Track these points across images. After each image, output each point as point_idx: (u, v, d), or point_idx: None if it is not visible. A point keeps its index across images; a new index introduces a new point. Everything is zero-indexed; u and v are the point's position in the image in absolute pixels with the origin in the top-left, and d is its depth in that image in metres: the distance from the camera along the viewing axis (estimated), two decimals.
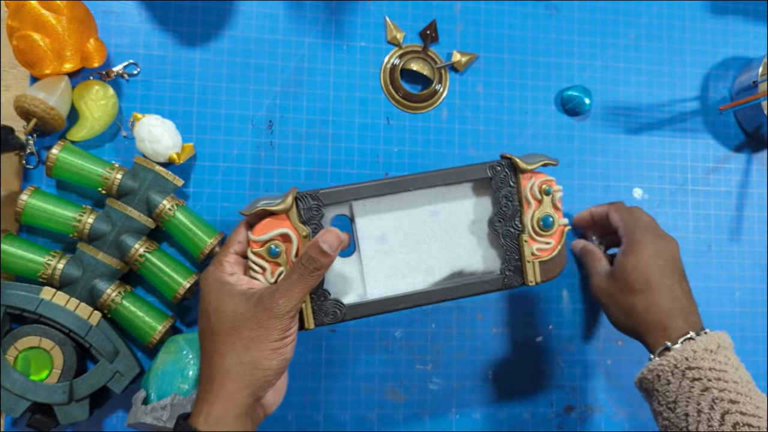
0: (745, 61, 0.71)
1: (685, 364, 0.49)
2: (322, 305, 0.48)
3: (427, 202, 0.52)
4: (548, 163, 0.52)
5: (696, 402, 0.47)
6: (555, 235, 0.52)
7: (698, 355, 0.49)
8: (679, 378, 0.49)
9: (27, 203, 0.54)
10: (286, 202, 0.46)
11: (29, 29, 0.54)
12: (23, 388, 0.53)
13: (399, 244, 0.51)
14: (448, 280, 0.52)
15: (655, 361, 0.51)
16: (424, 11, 0.66)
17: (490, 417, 0.64)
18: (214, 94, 0.62)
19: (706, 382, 0.48)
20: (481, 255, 0.53)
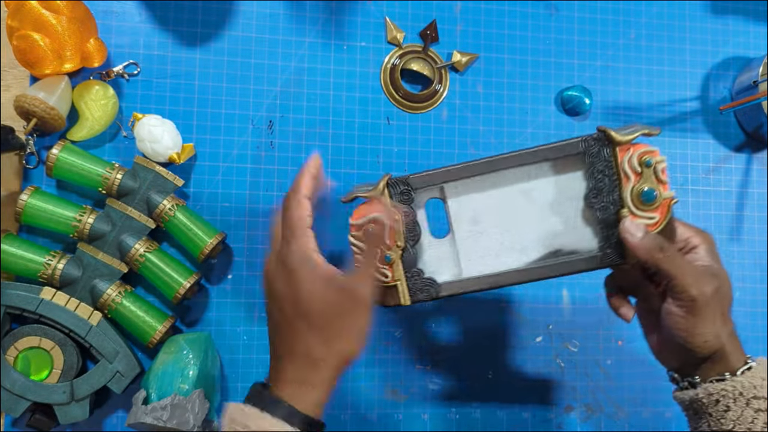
0: (745, 61, 0.71)
1: (751, 393, 0.46)
2: (417, 282, 0.49)
3: (519, 180, 0.51)
4: (649, 133, 0.48)
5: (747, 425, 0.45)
6: (659, 208, 0.49)
7: (757, 384, 0.46)
8: (742, 407, 0.46)
9: (27, 203, 0.54)
10: (378, 188, 0.48)
11: (29, 29, 0.54)
12: (23, 388, 0.53)
13: (492, 224, 0.51)
14: (544, 260, 0.51)
15: (717, 385, 0.47)
16: (424, 11, 0.66)
17: (490, 417, 0.64)
18: (214, 94, 0.62)
19: (758, 404, 0.45)
20: (577, 233, 0.51)
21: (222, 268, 0.61)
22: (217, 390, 0.58)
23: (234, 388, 0.60)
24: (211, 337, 0.58)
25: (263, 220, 0.62)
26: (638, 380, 0.66)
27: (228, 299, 0.61)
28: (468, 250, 0.51)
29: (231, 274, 0.61)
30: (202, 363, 0.55)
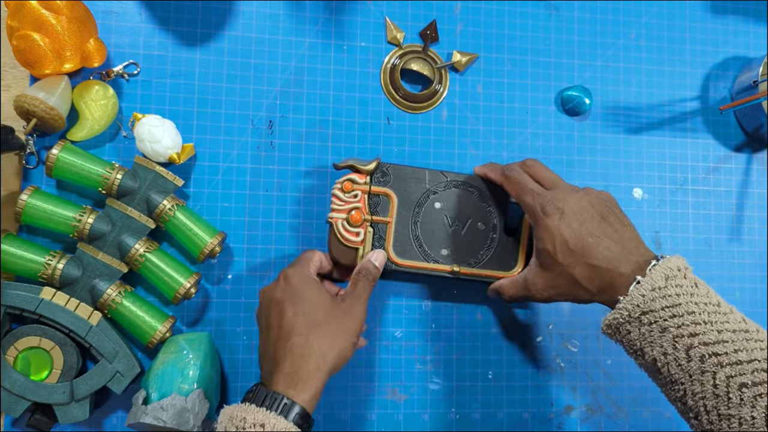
0: (745, 61, 0.71)
1: (638, 311, 0.46)
2: None
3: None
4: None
5: (659, 345, 0.45)
6: None
7: (647, 298, 0.46)
8: (636, 326, 0.47)
9: (27, 203, 0.54)
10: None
11: (29, 29, 0.54)
12: (23, 388, 0.53)
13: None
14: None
15: (609, 316, 0.49)
16: (424, 11, 0.66)
17: (490, 417, 0.64)
18: (214, 94, 0.62)
19: (662, 322, 0.45)
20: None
21: (222, 268, 0.61)
22: (217, 390, 0.58)
23: (234, 388, 0.60)
24: (211, 337, 0.58)
25: (263, 220, 0.62)
26: (638, 380, 0.66)
27: (228, 299, 0.61)
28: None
29: (231, 274, 0.61)
30: (202, 363, 0.55)
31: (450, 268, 0.60)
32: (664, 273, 0.47)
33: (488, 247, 0.61)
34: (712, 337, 0.44)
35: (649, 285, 0.47)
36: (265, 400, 0.45)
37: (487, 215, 0.61)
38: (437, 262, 0.60)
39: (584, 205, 0.51)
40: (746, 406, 0.42)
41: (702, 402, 0.44)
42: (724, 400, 0.43)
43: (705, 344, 0.44)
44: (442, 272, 0.60)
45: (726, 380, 0.42)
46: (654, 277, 0.47)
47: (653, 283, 0.46)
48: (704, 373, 0.43)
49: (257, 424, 0.43)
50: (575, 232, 0.50)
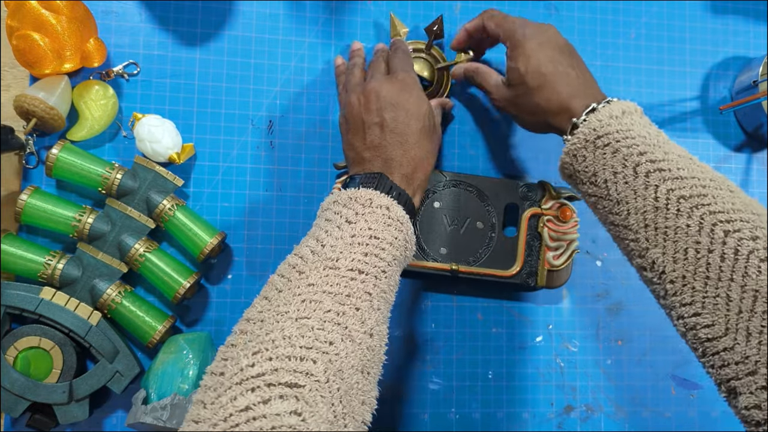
0: (745, 60, 0.71)
1: (593, 135, 0.49)
2: None
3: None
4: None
5: (611, 166, 0.48)
6: None
7: (604, 123, 0.49)
8: (591, 150, 0.49)
9: (27, 203, 0.54)
10: None
11: (29, 29, 0.54)
12: (23, 388, 0.53)
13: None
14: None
15: (568, 142, 0.51)
16: (425, 11, 0.66)
17: (490, 417, 0.64)
18: (214, 94, 0.62)
19: (615, 144, 0.48)
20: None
21: (222, 268, 0.61)
22: None
23: None
24: (211, 337, 0.58)
25: (263, 220, 0.62)
26: (638, 380, 0.66)
27: (228, 299, 0.61)
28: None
29: (231, 274, 0.61)
30: (202, 363, 0.55)
31: (449, 266, 0.60)
32: (621, 108, 0.50)
33: (487, 246, 0.61)
34: (659, 155, 0.46)
35: (606, 113, 0.49)
36: (390, 190, 0.49)
37: (486, 214, 0.61)
38: (436, 261, 0.60)
39: (559, 41, 0.56)
40: (683, 216, 0.44)
41: (642, 216, 0.46)
42: (663, 211, 0.45)
43: (651, 161, 0.46)
44: (441, 271, 0.60)
45: (666, 193, 0.45)
46: (611, 109, 0.50)
47: (610, 112, 0.49)
48: (647, 187, 0.46)
49: (383, 206, 0.48)
50: (548, 58, 0.54)
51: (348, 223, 0.47)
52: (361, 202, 0.48)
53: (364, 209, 0.48)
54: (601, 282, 0.67)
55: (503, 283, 0.62)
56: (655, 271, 0.45)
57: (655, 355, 0.67)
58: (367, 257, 0.45)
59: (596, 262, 0.67)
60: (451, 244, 0.61)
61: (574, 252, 0.62)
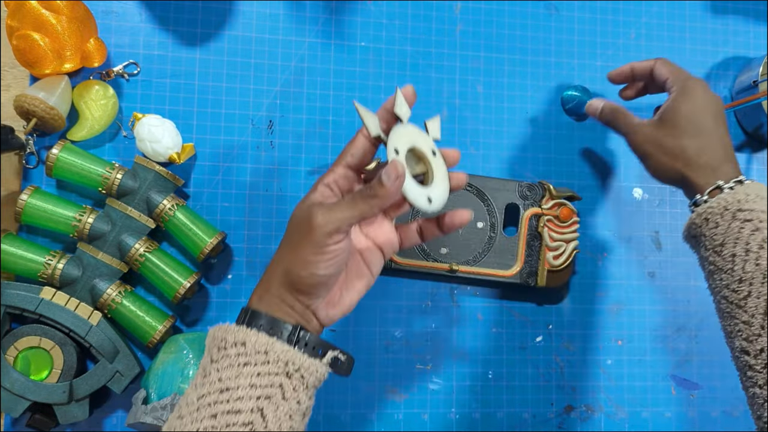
0: (745, 61, 0.71)
1: (736, 206, 0.48)
2: None
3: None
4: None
5: (745, 242, 0.47)
6: None
7: (751, 198, 0.48)
8: (728, 220, 0.48)
9: (27, 203, 0.54)
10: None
11: (29, 29, 0.54)
12: (23, 388, 0.53)
13: None
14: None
15: (705, 205, 0.50)
16: (425, 11, 0.66)
17: (490, 417, 0.64)
18: (214, 94, 0.62)
19: (758, 223, 0.47)
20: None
21: (222, 268, 0.61)
22: None
23: None
24: None
25: (263, 220, 0.62)
26: (638, 380, 0.66)
27: (228, 299, 0.61)
28: None
29: (231, 274, 0.61)
30: None
31: (449, 266, 0.60)
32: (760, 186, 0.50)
33: (487, 246, 0.61)
34: None
35: (755, 190, 0.49)
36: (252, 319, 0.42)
37: (486, 214, 0.61)
38: (436, 261, 0.60)
39: (720, 104, 0.55)
40: None
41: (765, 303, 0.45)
42: None
43: None
44: (441, 271, 0.60)
45: None
46: (760, 188, 0.49)
47: (758, 191, 0.49)
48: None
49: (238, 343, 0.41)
50: (713, 113, 0.53)
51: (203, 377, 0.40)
52: (216, 344, 0.41)
53: (218, 353, 0.41)
54: (601, 282, 0.67)
55: (503, 283, 0.62)
56: (761, 359, 0.45)
57: (655, 355, 0.67)
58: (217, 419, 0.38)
59: (596, 262, 0.67)
60: (451, 244, 0.61)
61: (574, 252, 0.62)
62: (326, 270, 0.42)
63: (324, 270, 0.42)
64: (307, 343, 0.42)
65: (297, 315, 0.43)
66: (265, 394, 0.39)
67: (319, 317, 0.44)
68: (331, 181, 0.45)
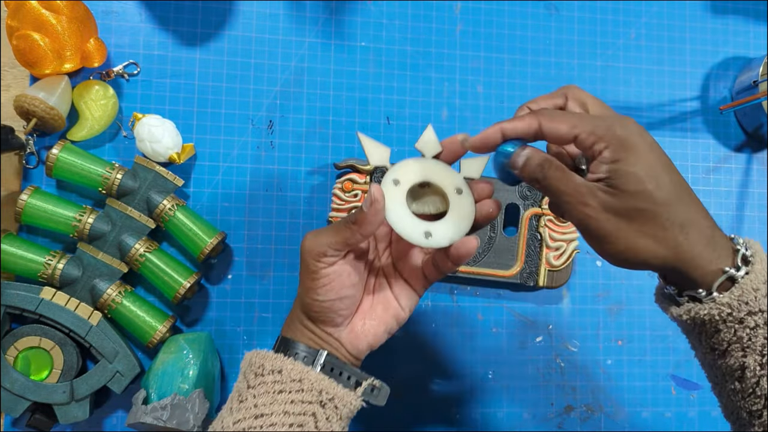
0: (745, 61, 0.71)
1: (744, 310, 0.36)
2: None
3: None
4: None
5: (758, 353, 0.36)
6: None
7: (760, 294, 0.36)
8: (733, 326, 0.37)
9: (27, 203, 0.54)
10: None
11: (29, 29, 0.54)
12: (23, 388, 0.53)
13: None
14: None
15: (701, 310, 0.38)
16: (425, 11, 0.66)
17: (490, 417, 0.64)
18: (214, 94, 0.62)
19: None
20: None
21: (222, 268, 0.61)
22: (217, 390, 0.58)
23: None
24: (211, 337, 0.58)
25: (263, 220, 0.62)
26: (638, 380, 0.66)
27: (228, 299, 0.61)
28: None
29: (231, 274, 0.61)
30: (202, 363, 0.55)
31: None
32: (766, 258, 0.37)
33: (487, 246, 0.61)
34: None
35: (762, 276, 0.36)
36: (288, 347, 0.43)
37: None
38: None
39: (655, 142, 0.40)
40: None
41: None
42: None
43: None
44: None
45: None
46: (765, 264, 0.37)
47: (765, 272, 0.37)
48: None
49: (275, 371, 0.41)
50: (668, 167, 0.39)
51: (239, 402, 0.41)
52: (254, 370, 0.42)
53: (256, 379, 0.41)
54: (601, 282, 0.67)
55: (503, 283, 0.62)
56: None
57: (655, 355, 0.67)
58: None
59: (596, 262, 0.67)
60: None
61: (574, 252, 0.62)
62: (325, 295, 0.42)
63: (322, 295, 0.42)
64: (342, 372, 0.43)
65: (320, 341, 0.44)
66: (297, 422, 0.40)
67: (345, 347, 0.44)
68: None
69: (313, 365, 0.42)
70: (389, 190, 0.41)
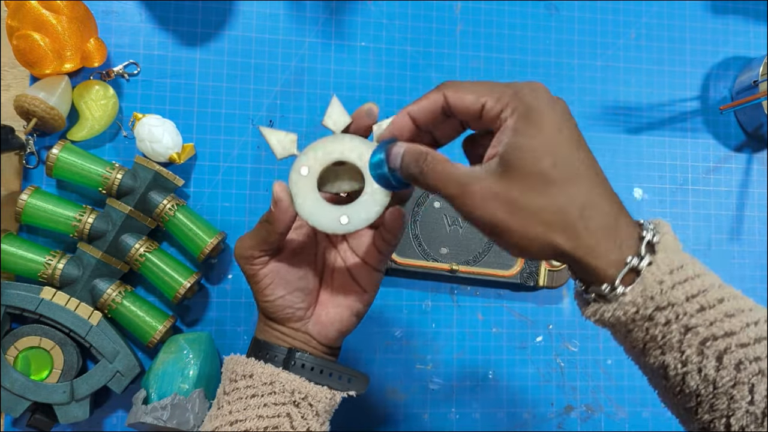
0: (745, 61, 0.71)
1: (651, 306, 0.32)
2: None
3: None
4: None
5: (677, 351, 0.33)
6: None
7: (666, 285, 0.32)
8: (642, 325, 0.33)
9: (27, 203, 0.54)
10: None
11: (29, 29, 0.54)
12: (23, 387, 0.53)
13: None
14: None
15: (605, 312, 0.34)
16: (425, 11, 0.66)
17: (490, 417, 0.64)
18: (214, 94, 0.62)
19: (687, 320, 0.32)
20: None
21: (222, 268, 0.61)
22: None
23: None
24: (211, 337, 0.58)
25: None
26: (638, 380, 0.66)
27: (228, 299, 0.61)
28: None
29: (231, 274, 0.61)
30: (202, 363, 0.55)
31: (449, 266, 0.60)
32: (674, 246, 0.33)
33: (487, 246, 0.61)
34: (752, 334, 0.31)
35: (666, 265, 0.32)
36: (259, 349, 0.43)
37: None
38: (436, 261, 0.60)
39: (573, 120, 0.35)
40: None
41: (726, 421, 0.32)
42: (761, 420, 0.32)
43: (743, 345, 0.31)
44: (441, 271, 0.60)
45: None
46: (669, 253, 0.33)
47: (670, 261, 0.32)
48: (737, 384, 0.32)
49: (246, 375, 0.41)
50: (576, 141, 0.34)
51: (217, 408, 0.41)
52: (228, 375, 0.42)
53: (230, 385, 0.41)
54: None
55: (503, 283, 0.62)
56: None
57: None
58: None
59: None
60: (451, 244, 0.61)
61: None
62: (272, 294, 0.42)
63: (270, 295, 0.42)
64: (314, 367, 0.42)
65: (290, 339, 0.43)
66: (272, 424, 0.39)
67: (316, 339, 0.44)
68: None
69: (284, 365, 0.42)
70: (298, 180, 0.40)
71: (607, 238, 0.33)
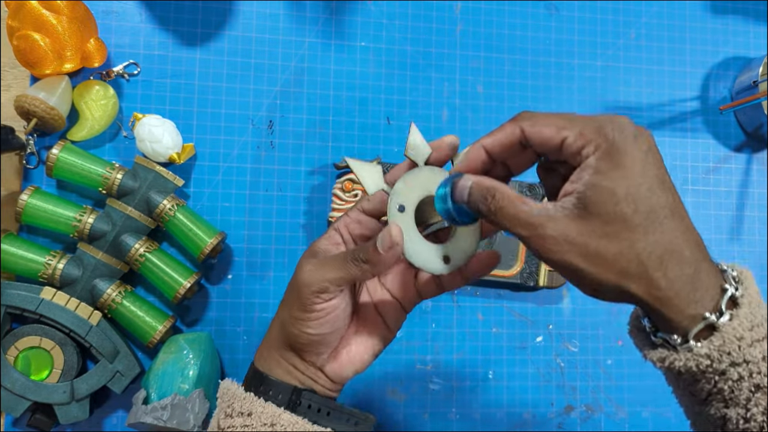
0: (745, 61, 0.71)
1: (727, 361, 0.31)
2: None
3: None
4: None
5: (742, 407, 0.32)
6: None
7: (745, 342, 0.31)
8: (713, 378, 0.32)
9: (27, 203, 0.54)
10: None
11: (29, 29, 0.54)
12: (23, 388, 0.53)
13: None
14: None
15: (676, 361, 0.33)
16: (425, 11, 0.66)
17: (490, 417, 0.64)
18: (214, 94, 0.62)
19: (760, 379, 0.31)
20: None
21: (222, 268, 0.61)
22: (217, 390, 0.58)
23: None
24: (211, 337, 0.58)
25: (263, 220, 0.62)
26: (638, 380, 0.66)
27: (228, 299, 0.61)
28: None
29: (231, 274, 0.61)
30: (202, 363, 0.55)
31: None
32: (758, 300, 0.33)
33: (487, 246, 0.61)
34: None
35: (748, 321, 0.31)
36: (259, 383, 0.40)
37: None
38: None
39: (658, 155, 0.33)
40: None
41: None
42: None
43: None
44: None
45: None
46: (753, 308, 0.32)
47: (753, 317, 0.32)
48: None
49: (244, 414, 0.38)
50: (660, 180, 0.32)
51: None
52: (224, 408, 0.39)
53: (225, 421, 0.39)
54: None
55: (503, 283, 0.62)
56: None
57: None
58: None
59: None
60: None
61: None
62: (317, 329, 0.38)
63: (315, 329, 0.38)
64: (320, 409, 0.39)
65: (299, 373, 0.40)
66: None
67: (328, 376, 0.40)
68: (342, 225, 0.40)
69: (288, 405, 0.39)
70: (398, 219, 0.36)
71: (685, 289, 0.32)
